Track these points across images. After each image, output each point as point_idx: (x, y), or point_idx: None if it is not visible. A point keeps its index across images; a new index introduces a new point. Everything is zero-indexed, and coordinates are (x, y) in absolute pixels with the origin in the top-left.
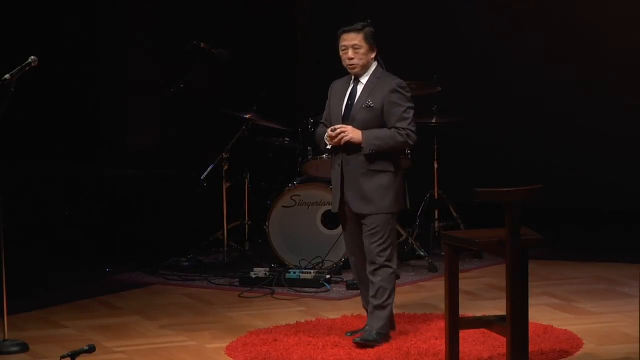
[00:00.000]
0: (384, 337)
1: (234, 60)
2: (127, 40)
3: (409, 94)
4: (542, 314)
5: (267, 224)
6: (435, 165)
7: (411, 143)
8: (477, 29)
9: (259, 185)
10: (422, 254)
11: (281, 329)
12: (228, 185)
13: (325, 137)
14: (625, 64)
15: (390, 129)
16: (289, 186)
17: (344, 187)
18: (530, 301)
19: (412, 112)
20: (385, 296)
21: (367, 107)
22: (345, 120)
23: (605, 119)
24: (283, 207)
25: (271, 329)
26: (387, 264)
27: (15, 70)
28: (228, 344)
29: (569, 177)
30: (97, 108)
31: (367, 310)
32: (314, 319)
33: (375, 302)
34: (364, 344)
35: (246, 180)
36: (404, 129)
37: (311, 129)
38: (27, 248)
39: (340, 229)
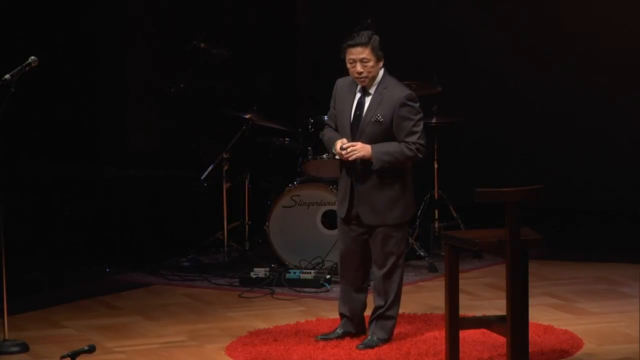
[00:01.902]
0: (386, 342)
1: (234, 60)
2: (127, 40)
3: (417, 105)
4: (542, 314)
5: (267, 224)
6: (435, 165)
7: (420, 156)
8: (478, 29)
9: (259, 185)
10: (422, 254)
11: (281, 329)
12: (228, 185)
13: (333, 150)
14: (627, 65)
15: (399, 142)
16: (289, 186)
17: (354, 198)
18: (530, 301)
19: (421, 124)
20: (393, 303)
21: (376, 121)
22: (354, 130)
23: (606, 120)
24: (283, 207)
25: (271, 329)
26: (395, 272)
27: (15, 70)
28: (228, 344)
29: (569, 177)
30: (97, 108)
31: (341, 316)
32: (314, 319)
33: (381, 310)
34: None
35: (246, 180)
36: (413, 142)
37: (311, 129)
38: (27, 248)
39: None
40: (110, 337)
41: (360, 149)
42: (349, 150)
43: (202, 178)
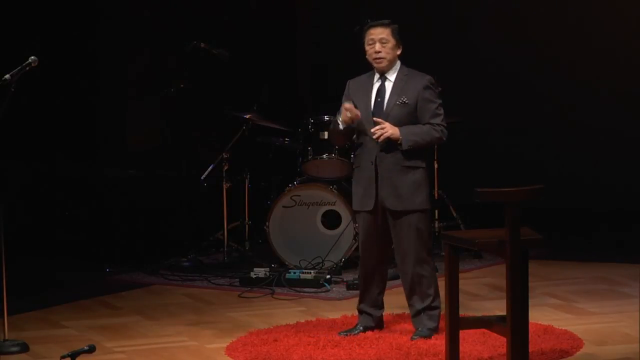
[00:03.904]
0: (436, 331)
1: (234, 60)
2: (127, 40)
3: (438, 91)
4: (542, 314)
5: (267, 224)
6: (435, 165)
7: (444, 139)
8: (478, 29)
9: (259, 185)
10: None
11: (281, 329)
12: (228, 185)
13: (339, 117)
14: (628, 64)
15: (424, 124)
16: (289, 186)
17: (379, 184)
18: (530, 301)
19: (442, 108)
20: (435, 293)
21: (401, 103)
22: (377, 117)
23: (606, 119)
24: (283, 207)
25: (271, 329)
26: (427, 257)
27: (15, 70)
28: (228, 344)
29: (568, 177)
30: (97, 108)
31: (359, 312)
32: (314, 319)
33: (427, 303)
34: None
35: (246, 180)
36: (438, 124)
37: (311, 129)
38: (27, 248)
39: (340, 228)
40: (110, 337)
41: (389, 129)
42: (378, 128)
43: (202, 178)
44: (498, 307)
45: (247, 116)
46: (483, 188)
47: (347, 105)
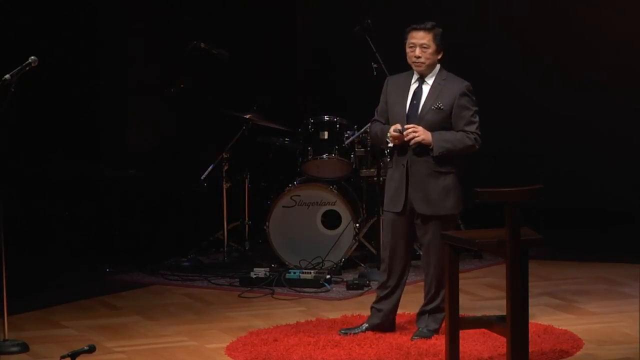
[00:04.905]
0: (437, 332)
1: (234, 60)
2: (127, 40)
3: (474, 97)
4: (542, 314)
5: (267, 224)
6: None
7: (477, 147)
8: (477, 29)
9: (259, 185)
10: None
11: (281, 329)
12: (228, 185)
13: (388, 135)
14: (627, 64)
15: (457, 131)
16: (289, 186)
17: (409, 188)
18: (530, 301)
19: (478, 116)
20: (443, 294)
21: (436, 108)
22: (411, 120)
23: (605, 119)
24: (283, 207)
25: (271, 329)
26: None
27: (15, 70)
28: (228, 344)
29: (569, 177)
30: (97, 108)
31: (373, 310)
32: (314, 319)
33: (436, 303)
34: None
35: (246, 180)
36: (472, 132)
37: (311, 129)
38: (27, 248)
39: (340, 228)
40: (110, 337)
41: (422, 133)
42: (410, 131)
43: (202, 178)
44: (498, 307)
45: (247, 116)
46: (483, 188)
47: (394, 134)
